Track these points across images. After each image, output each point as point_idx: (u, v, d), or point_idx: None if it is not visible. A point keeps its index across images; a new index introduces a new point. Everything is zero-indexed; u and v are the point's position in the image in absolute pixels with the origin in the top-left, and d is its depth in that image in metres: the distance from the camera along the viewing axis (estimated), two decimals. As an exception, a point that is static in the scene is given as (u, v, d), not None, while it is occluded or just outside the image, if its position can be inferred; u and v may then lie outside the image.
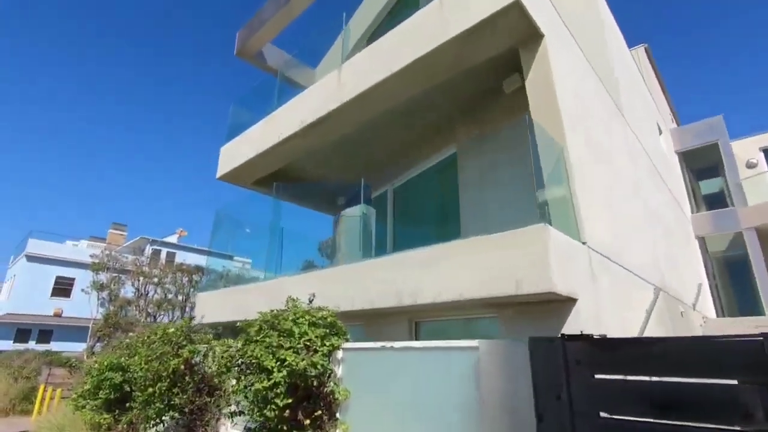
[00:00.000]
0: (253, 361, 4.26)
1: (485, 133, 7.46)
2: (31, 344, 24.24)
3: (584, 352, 2.66)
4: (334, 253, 7.68)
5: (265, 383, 4.07)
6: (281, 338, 4.37)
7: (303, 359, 4.17)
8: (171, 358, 5.72)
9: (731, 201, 13.74)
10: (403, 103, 7.03)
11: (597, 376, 2.62)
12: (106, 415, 7.57)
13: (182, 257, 32.51)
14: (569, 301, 4.32)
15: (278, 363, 4.17)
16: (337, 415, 4.48)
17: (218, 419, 6.08)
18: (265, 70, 12.04)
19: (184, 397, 5.70)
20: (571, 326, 4.22)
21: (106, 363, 7.63)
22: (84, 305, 25.43)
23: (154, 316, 27.27)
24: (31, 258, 27.44)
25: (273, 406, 4.11)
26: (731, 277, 13.73)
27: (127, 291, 26.54)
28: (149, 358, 5.83)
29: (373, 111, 7.25)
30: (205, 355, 6.09)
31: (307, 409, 4.37)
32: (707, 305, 12.42)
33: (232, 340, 4.87)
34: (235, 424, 5.40)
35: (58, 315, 27.43)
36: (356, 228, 6.93)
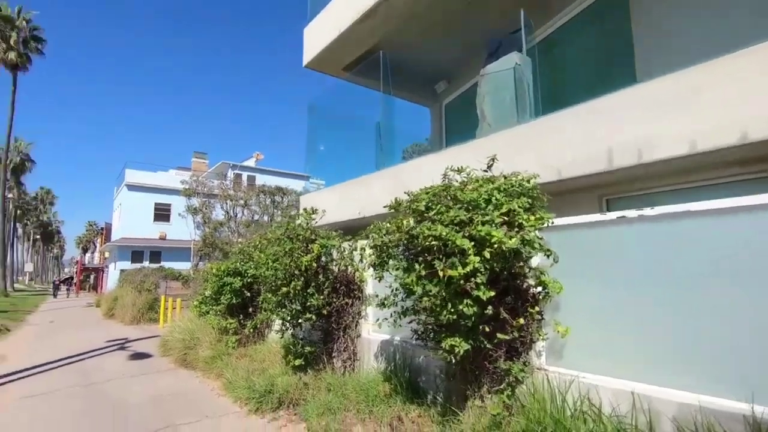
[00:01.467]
0: (433, 243, 3.04)
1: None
2: (145, 263, 26.75)
3: None
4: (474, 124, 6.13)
5: (460, 270, 2.86)
6: (471, 211, 3.07)
7: (512, 236, 2.86)
8: (302, 254, 4.82)
9: None
10: None
11: None
12: (231, 320, 7.29)
13: (261, 180, 33.11)
14: None
15: (474, 243, 2.92)
16: (544, 314, 3.25)
17: (357, 322, 5.27)
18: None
19: (321, 297, 4.87)
20: None
21: (223, 268, 7.16)
22: (183, 228, 27.13)
23: (245, 236, 28.63)
24: (131, 187, 29.43)
25: (469, 301, 2.94)
26: None
27: (218, 214, 27.78)
28: (277, 255, 4.98)
29: None
30: (332, 254, 5.15)
31: (509, 306, 3.17)
32: None
33: (383, 223, 3.72)
34: (380, 325, 4.45)
35: (163, 238, 29.82)
36: (508, 84, 5.24)
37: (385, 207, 3.91)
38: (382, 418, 4.01)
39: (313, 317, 4.92)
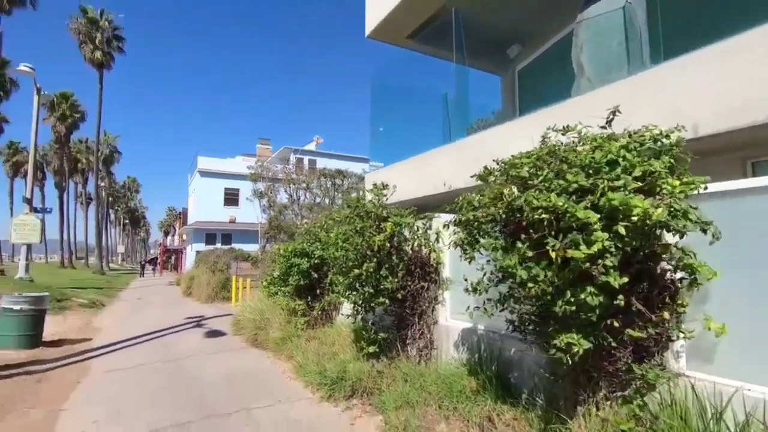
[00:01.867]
0: (542, 216, 2.45)
1: None
2: (218, 245, 28.38)
3: None
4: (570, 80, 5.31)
5: (584, 249, 2.25)
6: (592, 176, 2.44)
7: (658, 206, 2.20)
8: (374, 234, 4.41)
9: None
10: None
11: None
12: (299, 301, 7.17)
13: (322, 163, 33.52)
14: None
15: (600, 216, 2.29)
16: (685, 306, 2.55)
17: (433, 308, 4.81)
18: None
19: (395, 280, 4.45)
20: None
21: (290, 249, 7.02)
22: (250, 212, 28.32)
23: (308, 219, 29.33)
24: (203, 173, 31.19)
25: (593, 289, 2.34)
26: None
27: (282, 197, 28.62)
28: (347, 235, 4.63)
29: None
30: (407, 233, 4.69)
31: (641, 295, 2.51)
32: None
33: (471, 195, 3.17)
34: (471, 315, 3.94)
35: (232, 221, 31.43)
36: (615, 28, 4.36)
37: (472, 177, 3.35)
38: (470, 417, 3.55)
39: (386, 301, 4.53)
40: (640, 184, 2.39)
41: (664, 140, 2.53)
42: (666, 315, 2.40)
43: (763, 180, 2.33)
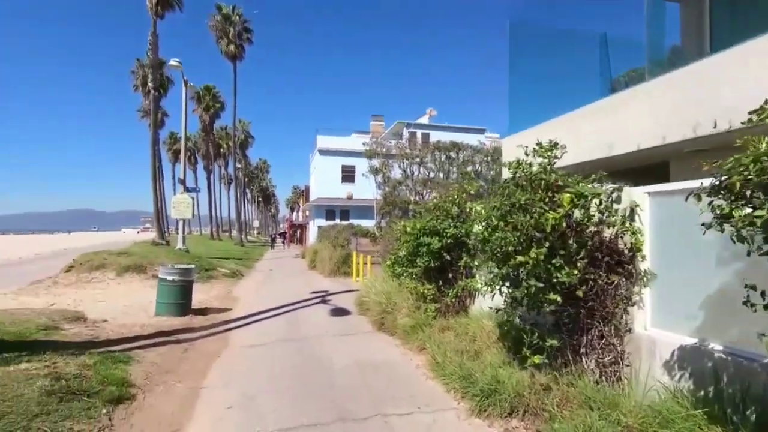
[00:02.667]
0: None
1: None
2: (337, 221, 29.57)
3: None
4: None
5: None
6: None
7: None
8: (544, 209, 3.27)
9: None
10: None
11: None
12: (428, 285, 6.38)
13: (435, 137, 32.34)
14: None
15: None
16: None
17: (625, 311, 3.52)
18: None
19: (574, 272, 3.28)
20: None
21: (419, 226, 6.21)
22: (365, 188, 28.77)
23: (421, 194, 28.75)
24: (322, 152, 32.57)
25: None
26: None
27: (396, 173, 28.43)
28: (502, 211, 3.56)
29: None
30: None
31: None
32: None
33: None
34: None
35: (349, 197, 32.42)
36: None
37: (751, 113, 2.01)
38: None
39: (559, 299, 3.39)
40: None
41: None
42: None
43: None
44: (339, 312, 8.73)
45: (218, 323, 7.80)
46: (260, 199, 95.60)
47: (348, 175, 32.55)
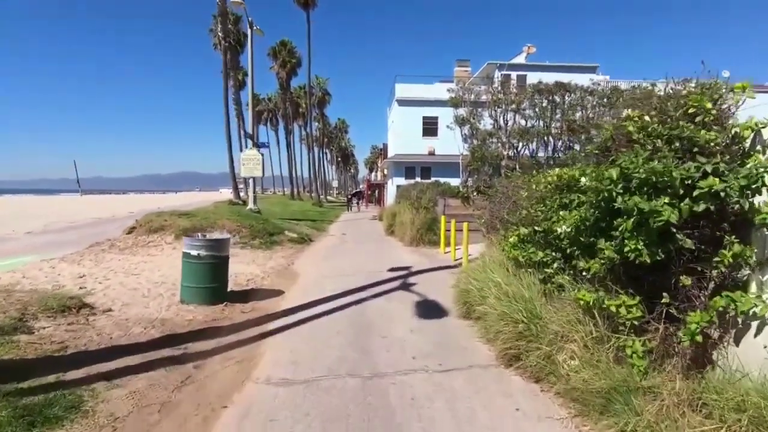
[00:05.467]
0: None
1: None
2: (417, 179, 26.50)
3: None
4: None
5: None
6: None
7: None
8: None
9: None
10: None
11: None
12: (626, 299, 3.15)
13: (534, 78, 26.99)
14: None
15: None
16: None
17: None
18: None
19: None
20: None
21: (615, 175, 2.90)
22: (450, 142, 25.11)
23: (516, 148, 24.42)
24: (401, 102, 29.21)
25: None
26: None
27: (486, 124, 24.40)
28: None
29: None
30: None
31: None
32: None
33: None
34: None
35: (431, 153, 28.99)
36: None
37: None
38: None
39: None
40: None
41: None
42: None
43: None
44: (430, 311, 5.85)
45: (256, 320, 5.40)
46: (339, 159, 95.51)
47: (430, 127, 28.91)
